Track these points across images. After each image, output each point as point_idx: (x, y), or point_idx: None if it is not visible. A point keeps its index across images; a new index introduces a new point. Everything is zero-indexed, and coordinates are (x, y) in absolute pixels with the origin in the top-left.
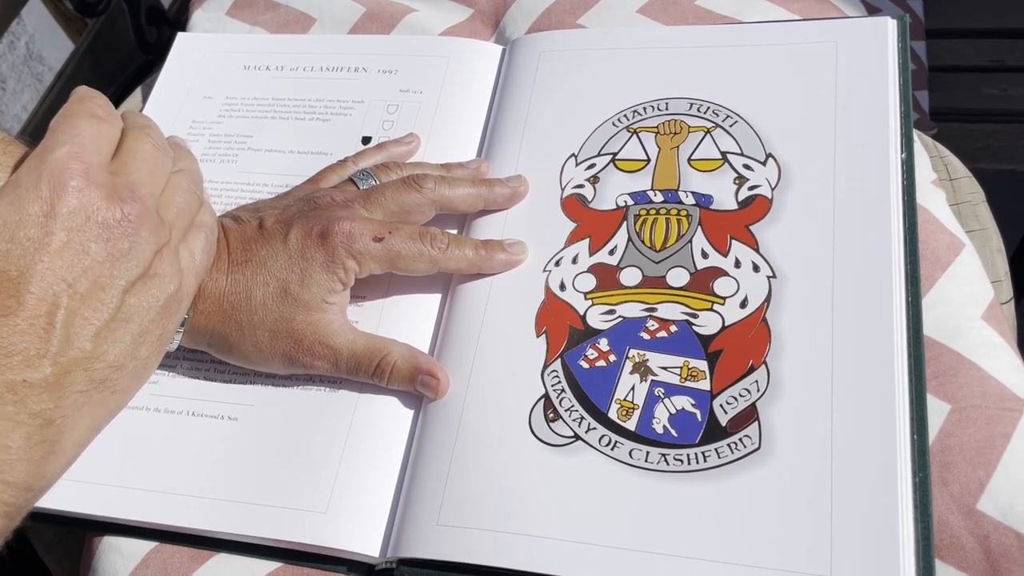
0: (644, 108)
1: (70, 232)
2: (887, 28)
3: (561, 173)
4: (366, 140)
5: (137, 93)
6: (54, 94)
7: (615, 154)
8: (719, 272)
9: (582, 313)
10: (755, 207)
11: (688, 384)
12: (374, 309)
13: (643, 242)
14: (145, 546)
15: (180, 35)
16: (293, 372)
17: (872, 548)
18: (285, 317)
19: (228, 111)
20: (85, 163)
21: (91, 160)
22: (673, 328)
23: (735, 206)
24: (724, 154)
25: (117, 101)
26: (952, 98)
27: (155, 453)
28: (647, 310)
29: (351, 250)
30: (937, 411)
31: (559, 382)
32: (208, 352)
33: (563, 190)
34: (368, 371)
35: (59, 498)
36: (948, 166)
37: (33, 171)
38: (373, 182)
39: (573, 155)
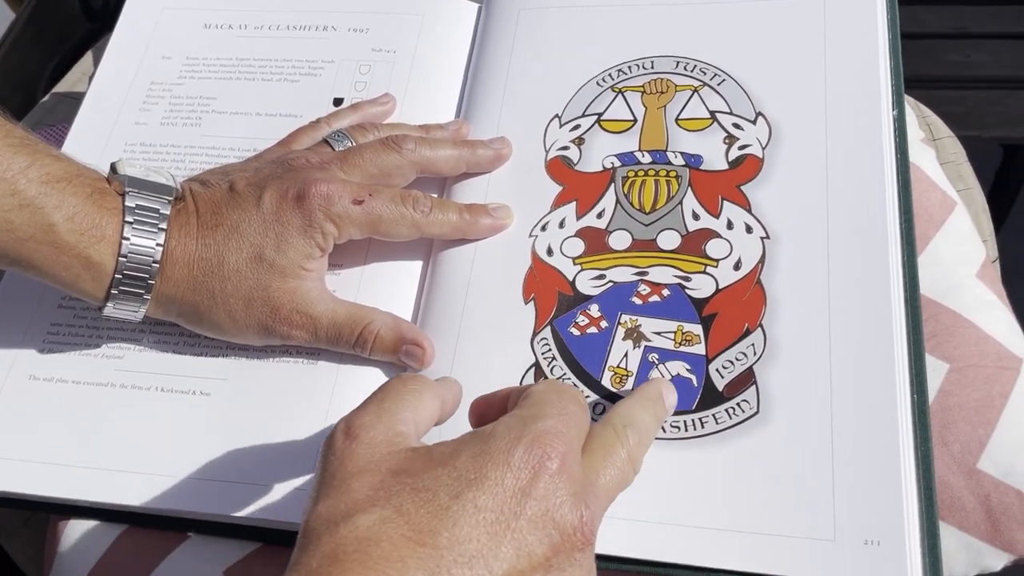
0: (629, 67)
1: (526, 520)
2: None
3: (545, 135)
4: (338, 101)
5: (88, 57)
6: None
7: (600, 114)
8: (711, 234)
9: (571, 279)
10: (746, 167)
11: (683, 349)
12: (352, 277)
13: (632, 204)
14: (115, 529)
15: None
16: (269, 343)
17: (875, 511)
18: (260, 284)
19: (189, 72)
20: (566, 447)
21: (573, 445)
22: (665, 292)
23: (726, 166)
24: (713, 113)
25: (63, 71)
26: (915, 65)
27: (122, 431)
28: (638, 274)
29: (329, 213)
30: (936, 371)
31: (549, 350)
32: (177, 323)
33: (547, 152)
34: (349, 341)
35: (21, 480)
36: (931, 126)
37: (510, 431)
38: (349, 143)
39: (557, 116)
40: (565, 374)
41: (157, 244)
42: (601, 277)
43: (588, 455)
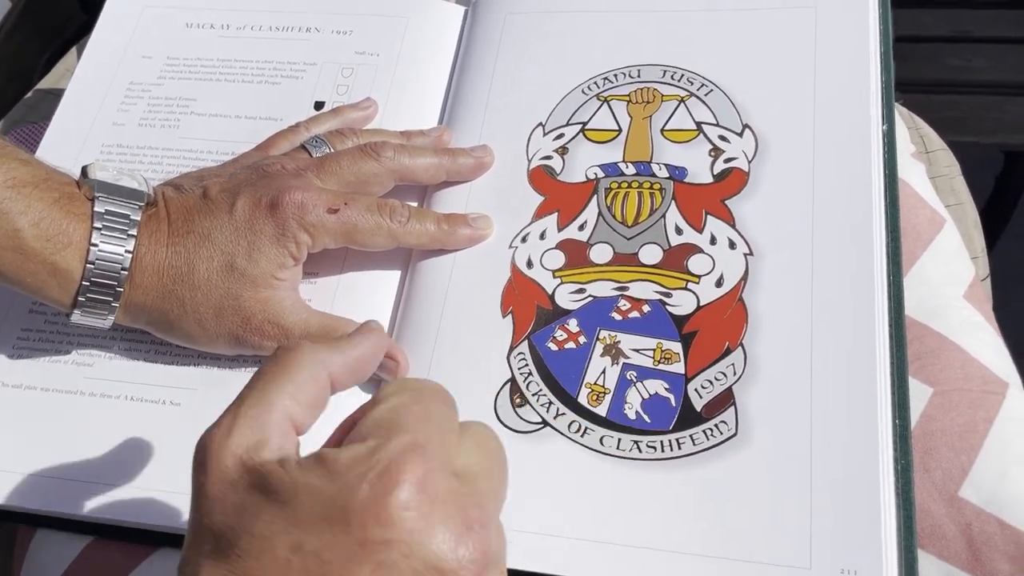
0: (615, 75)
1: (380, 567)
2: None
3: (528, 143)
4: (319, 105)
5: (72, 53)
6: None
7: (585, 123)
8: (694, 249)
9: (550, 292)
10: (731, 180)
11: (661, 367)
12: (328, 287)
13: (614, 217)
14: (82, 541)
15: None
16: (240, 353)
17: (853, 539)
18: (231, 294)
19: (169, 72)
20: (428, 464)
21: (438, 459)
22: (646, 308)
23: (710, 179)
24: (699, 124)
25: (53, 62)
26: (914, 69)
27: (90, 441)
28: (618, 289)
29: (303, 222)
30: (919, 394)
31: (526, 365)
32: (147, 331)
33: (530, 161)
34: None
35: None
36: (924, 138)
37: (360, 462)
38: (327, 150)
39: (540, 124)
40: (541, 390)
41: (126, 251)
42: (581, 291)
43: (463, 463)
